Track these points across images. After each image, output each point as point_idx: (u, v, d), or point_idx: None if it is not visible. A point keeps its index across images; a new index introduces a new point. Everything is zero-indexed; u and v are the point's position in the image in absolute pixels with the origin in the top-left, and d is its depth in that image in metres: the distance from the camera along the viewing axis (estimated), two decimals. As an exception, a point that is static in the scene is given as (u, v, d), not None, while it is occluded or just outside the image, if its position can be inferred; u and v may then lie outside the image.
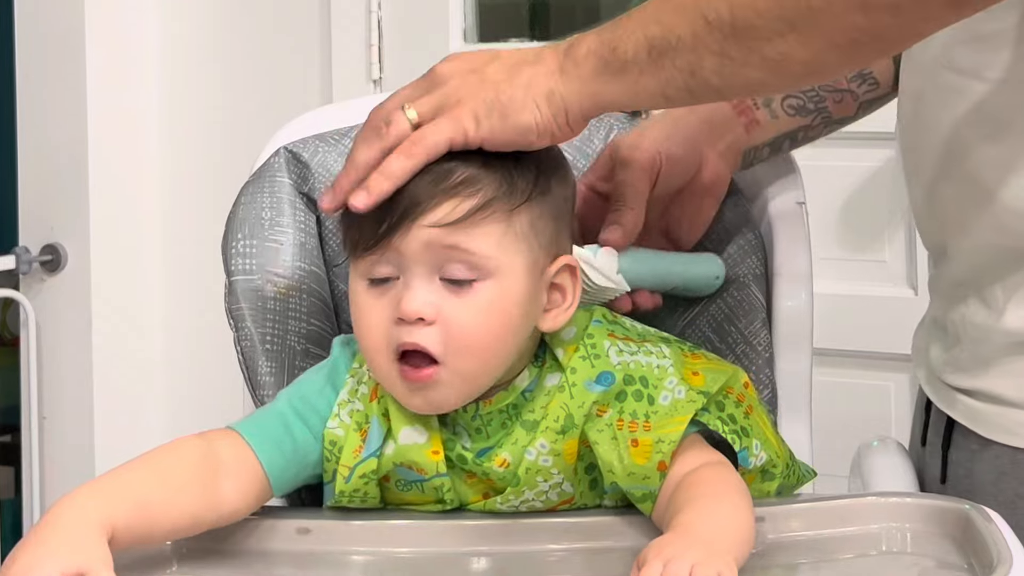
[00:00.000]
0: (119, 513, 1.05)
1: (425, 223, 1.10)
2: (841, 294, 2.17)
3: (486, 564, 1.12)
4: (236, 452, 1.14)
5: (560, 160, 1.18)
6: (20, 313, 2.59)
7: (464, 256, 1.10)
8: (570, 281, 1.16)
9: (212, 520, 1.12)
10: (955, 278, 1.23)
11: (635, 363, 1.15)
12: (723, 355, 1.28)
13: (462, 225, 1.10)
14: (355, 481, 1.15)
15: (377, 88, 2.50)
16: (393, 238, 1.10)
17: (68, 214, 2.55)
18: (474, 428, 1.15)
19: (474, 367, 1.12)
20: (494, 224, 1.11)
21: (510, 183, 1.12)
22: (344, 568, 1.13)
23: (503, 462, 1.13)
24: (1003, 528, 1.04)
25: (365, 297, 1.13)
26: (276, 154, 1.34)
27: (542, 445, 1.13)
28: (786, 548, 1.11)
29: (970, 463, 1.23)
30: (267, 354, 1.28)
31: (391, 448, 1.14)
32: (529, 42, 2.62)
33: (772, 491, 1.18)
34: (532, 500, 1.14)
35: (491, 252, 1.11)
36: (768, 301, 1.31)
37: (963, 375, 1.23)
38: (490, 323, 1.11)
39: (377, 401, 1.16)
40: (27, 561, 0.99)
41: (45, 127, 2.57)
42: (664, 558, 0.97)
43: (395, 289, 1.12)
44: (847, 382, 2.24)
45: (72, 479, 2.54)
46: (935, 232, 1.25)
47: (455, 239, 1.10)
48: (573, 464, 1.13)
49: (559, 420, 1.13)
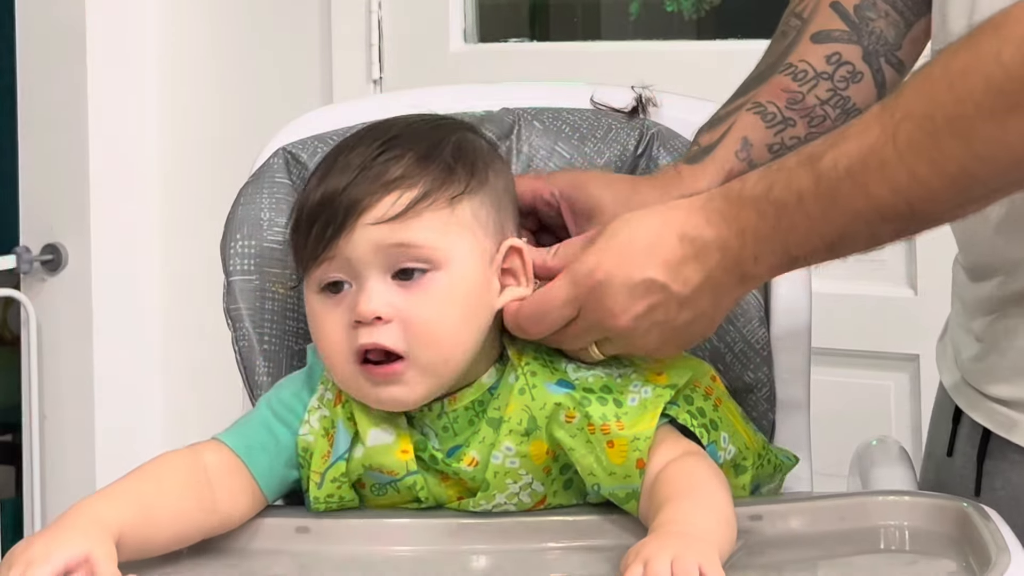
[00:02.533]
0: (126, 519, 1.07)
1: (368, 221, 1.11)
2: (841, 294, 2.17)
3: (485, 563, 1.12)
4: (224, 461, 1.15)
5: (495, 152, 1.20)
6: (20, 313, 2.59)
7: (412, 251, 1.11)
8: (519, 263, 1.16)
9: (211, 527, 1.13)
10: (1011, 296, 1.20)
11: (594, 376, 1.14)
12: (721, 354, 1.28)
13: (405, 218, 1.11)
14: (327, 486, 1.15)
15: (377, 88, 2.50)
16: (339, 241, 1.11)
17: (68, 214, 2.55)
18: (441, 427, 1.15)
19: (438, 358, 1.12)
20: (437, 213, 1.12)
21: (448, 175, 1.13)
22: (344, 567, 1.13)
23: (472, 461, 1.13)
24: (1001, 526, 1.04)
25: (320, 306, 1.14)
26: (275, 155, 1.34)
27: (508, 448, 1.13)
28: (785, 546, 1.11)
29: (1010, 473, 1.21)
30: (265, 354, 1.28)
31: (360, 451, 1.15)
32: (529, 42, 2.62)
33: (746, 483, 1.18)
34: (504, 503, 1.14)
35: (438, 243, 1.12)
36: (766, 300, 1.31)
37: (1005, 385, 1.21)
38: (447, 313, 1.12)
39: (342, 405, 1.16)
40: (37, 551, 1.01)
41: (46, 127, 2.57)
42: (643, 558, 0.97)
43: (349, 294, 1.13)
44: (847, 382, 2.24)
45: (72, 479, 2.55)
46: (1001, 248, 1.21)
47: (401, 236, 1.11)
48: (542, 465, 1.13)
49: (522, 423, 1.12)
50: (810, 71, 1.29)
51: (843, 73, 1.30)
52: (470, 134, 1.20)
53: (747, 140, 1.28)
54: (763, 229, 1.08)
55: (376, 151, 1.14)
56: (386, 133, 1.16)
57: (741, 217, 1.08)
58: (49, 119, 2.56)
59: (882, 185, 1.03)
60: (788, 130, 1.29)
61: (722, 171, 1.26)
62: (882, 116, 1.04)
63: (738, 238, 1.08)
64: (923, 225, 1.06)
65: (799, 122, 1.29)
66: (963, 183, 1.02)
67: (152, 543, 1.09)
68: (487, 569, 1.12)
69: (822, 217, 1.06)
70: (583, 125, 1.35)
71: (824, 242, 1.07)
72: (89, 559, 1.01)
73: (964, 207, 1.05)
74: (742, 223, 1.08)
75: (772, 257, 1.09)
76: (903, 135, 1.02)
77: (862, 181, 1.04)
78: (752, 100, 1.30)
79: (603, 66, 1.42)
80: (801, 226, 1.07)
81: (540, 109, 1.36)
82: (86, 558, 1.01)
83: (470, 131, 1.20)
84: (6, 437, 2.98)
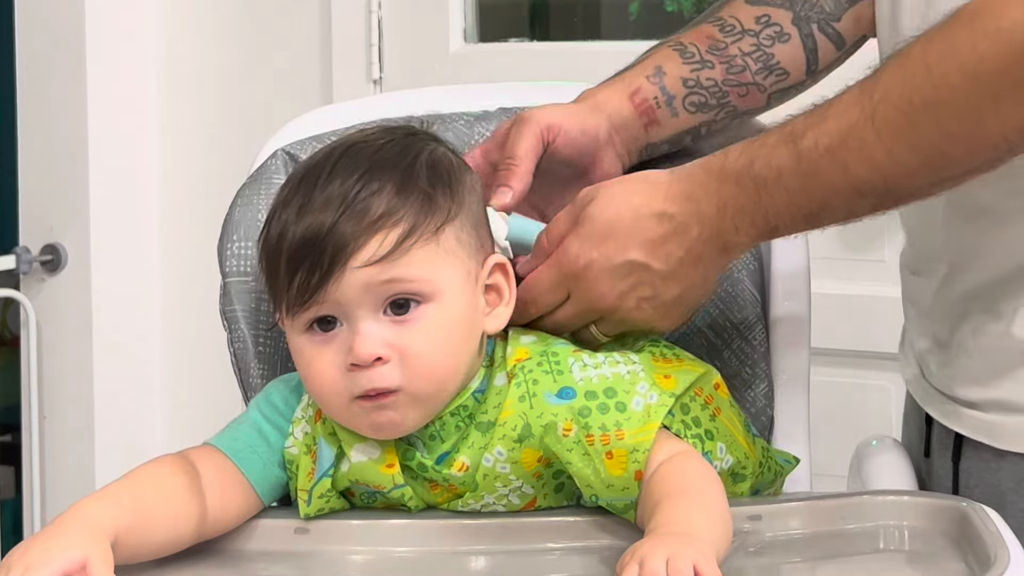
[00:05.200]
0: (122, 523, 1.07)
1: (356, 264, 1.09)
2: (841, 294, 2.17)
3: (484, 563, 1.12)
4: (217, 465, 1.15)
5: (464, 166, 1.18)
6: (20, 313, 2.59)
7: (403, 286, 1.10)
8: (503, 278, 1.16)
9: (205, 532, 1.13)
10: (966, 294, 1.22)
11: (599, 376, 1.13)
12: (719, 350, 1.28)
13: (393, 256, 1.09)
14: (316, 503, 1.15)
15: (377, 88, 2.50)
16: (328, 287, 1.09)
17: (68, 214, 2.55)
18: (428, 436, 1.14)
19: (433, 388, 1.11)
20: (424, 247, 1.10)
21: (429, 204, 1.12)
22: (343, 568, 1.13)
23: (462, 466, 1.13)
24: (1000, 526, 1.04)
25: (310, 347, 1.12)
26: (273, 156, 1.34)
27: (499, 452, 1.12)
28: (785, 546, 1.11)
29: (984, 473, 1.23)
30: (259, 356, 1.28)
31: (346, 466, 1.15)
32: (529, 42, 2.62)
33: (745, 491, 1.18)
34: (493, 504, 1.14)
35: (428, 275, 1.10)
36: (765, 299, 1.30)
37: (975, 387, 1.22)
38: (443, 344, 1.11)
39: (322, 422, 1.16)
40: (35, 555, 1.01)
41: (45, 127, 2.57)
42: (639, 557, 0.97)
43: (341, 333, 1.11)
44: (847, 382, 2.24)
45: (72, 479, 2.55)
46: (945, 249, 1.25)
47: (391, 273, 1.09)
48: (533, 471, 1.13)
49: (516, 429, 1.12)
50: (737, 26, 1.33)
51: (770, 32, 1.33)
52: (437, 148, 1.17)
53: (661, 68, 1.31)
54: (744, 202, 1.13)
55: (353, 186, 1.11)
56: (356, 162, 1.13)
57: (722, 191, 1.13)
58: (49, 119, 2.56)
59: (860, 164, 1.09)
60: (705, 71, 1.32)
61: (628, 89, 1.30)
62: (861, 98, 1.09)
63: (719, 211, 1.13)
64: (899, 201, 1.12)
65: (718, 66, 1.32)
66: (938, 163, 1.08)
67: (147, 547, 1.09)
68: (487, 569, 1.12)
69: (802, 192, 1.11)
70: (582, 125, 1.35)
71: (803, 214, 1.13)
72: (86, 564, 1.01)
73: (939, 185, 1.11)
74: (723, 197, 1.13)
75: (752, 228, 1.14)
76: (881, 116, 1.07)
77: (841, 159, 1.09)
78: (675, 40, 1.34)
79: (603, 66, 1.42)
80: (781, 200, 1.12)
81: (540, 109, 1.36)
82: (83, 563, 1.01)
83: (434, 142, 1.18)
84: (5, 437, 2.98)
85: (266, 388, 1.21)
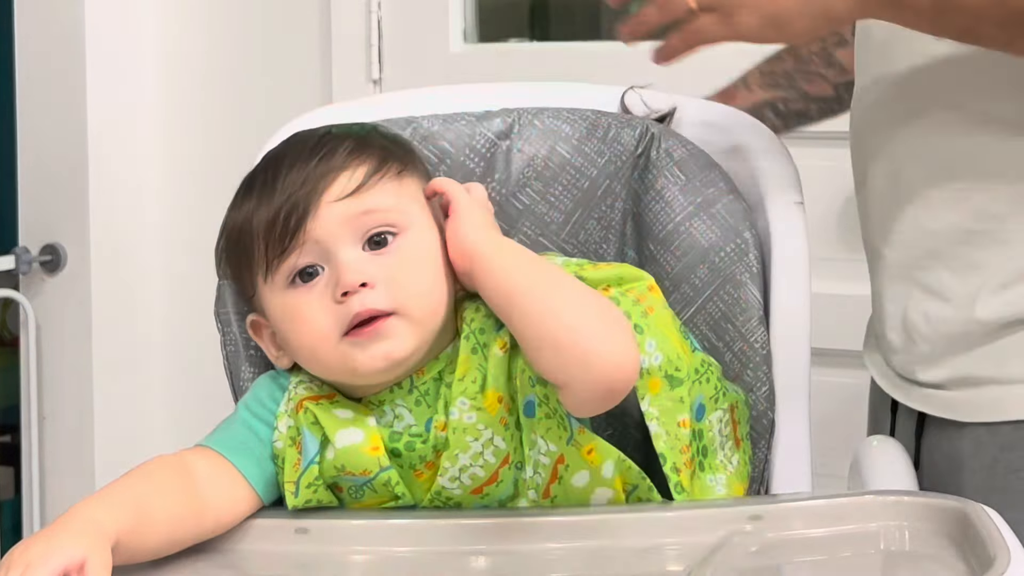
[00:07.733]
0: (122, 523, 1.07)
1: (330, 199, 1.14)
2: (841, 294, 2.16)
3: (485, 563, 1.12)
4: (212, 465, 1.16)
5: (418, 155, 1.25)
6: (20, 313, 2.59)
7: (380, 216, 1.15)
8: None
9: (204, 531, 1.14)
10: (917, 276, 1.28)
11: None
12: (721, 353, 1.28)
13: (364, 188, 1.15)
14: (304, 493, 1.16)
15: (377, 88, 2.50)
16: (306, 226, 1.14)
17: (68, 214, 2.55)
18: (413, 401, 1.17)
19: (428, 307, 1.15)
20: (390, 183, 1.17)
21: (388, 153, 1.19)
22: (343, 568, 1.13)
23: (442, 425, 1.15)
24: (1001, 526, 1.04)
25: (295, 297, 1.15)
26: (273, 156, 1.34)
27: (462, 403, 1.14)
28: (785, 547, 1.11)
29: (945, 444, 1.28)
30: (250, 359, 1.28)
31: (331, 453, 1.16)
32: (529, 42, 2.62)
33: (684, 396, 1.18)
34: (470, 465, 1.14)
35: (400, 207, 1.16)
36: (766, 300, 1.31)
37: (934, 369, 1.28)
38: (424, 268, 1.16)
39: (303, 412, 1.17)
40: (36, 553, 1.01)
41: (45, 127, 2.57)
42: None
43: (323, 277, 1.15)
44: (847, 382, 2.23)
45: (72, 479, 2.55)
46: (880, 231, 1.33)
47: (366, 204, 1.15)
48: (497, 415, 1.14)
49: (476, 381, 1.14)
50: None
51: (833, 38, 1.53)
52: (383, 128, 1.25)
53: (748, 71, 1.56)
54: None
55: (311, 151, 1.17)
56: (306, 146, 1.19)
57: None
58: (49, 119, 2.56)
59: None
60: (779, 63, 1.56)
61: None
62: None
63: None
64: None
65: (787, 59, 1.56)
66: None
67: (146, 547, 1.10)
68: (487, 569, 1.12)
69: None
70: (583, 125, 1.35)
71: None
72: (85, 564, 1.02)
73: None
74: None
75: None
76: None
77: None
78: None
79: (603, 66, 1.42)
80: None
81: (540, 109, 1.36)
82: (83, 563, 1.02)
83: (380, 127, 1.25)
84: (5, 438, 2.98)
85: (253, 385, 1.23)
